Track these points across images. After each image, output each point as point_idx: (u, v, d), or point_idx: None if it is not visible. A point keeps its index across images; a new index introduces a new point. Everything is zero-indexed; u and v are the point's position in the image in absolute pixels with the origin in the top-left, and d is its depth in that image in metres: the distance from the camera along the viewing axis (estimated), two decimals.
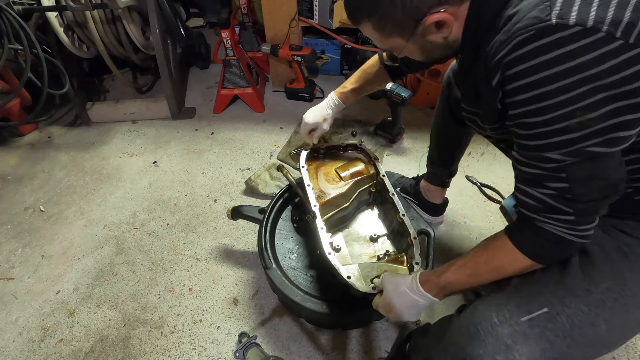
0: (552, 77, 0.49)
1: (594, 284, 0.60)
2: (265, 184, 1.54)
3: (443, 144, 1.21)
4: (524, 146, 0.58)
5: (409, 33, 0.65)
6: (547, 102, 0.51)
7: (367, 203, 1.16)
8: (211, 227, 1.43)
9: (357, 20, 0.69)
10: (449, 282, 0.70)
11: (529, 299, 0.62)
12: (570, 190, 0.55)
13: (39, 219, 1.50)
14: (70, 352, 1.09)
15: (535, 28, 0.49)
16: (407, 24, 0.63)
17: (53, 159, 1.79)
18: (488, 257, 0.67)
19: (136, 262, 1.32)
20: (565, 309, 0.59)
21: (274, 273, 0.99)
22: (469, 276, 0.69)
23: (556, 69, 0.49)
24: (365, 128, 1.85)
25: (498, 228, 1.37)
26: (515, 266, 0.65)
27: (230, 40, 1.79)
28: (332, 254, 0.89)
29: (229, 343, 1.09)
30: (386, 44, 0.71)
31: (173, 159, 1.76)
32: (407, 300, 0.74)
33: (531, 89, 0.52)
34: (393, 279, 0.79)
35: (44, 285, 1.27)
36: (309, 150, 1.16)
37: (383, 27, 0.66)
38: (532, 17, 0.50)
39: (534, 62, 0.50)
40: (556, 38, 0.48)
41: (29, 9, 1.55)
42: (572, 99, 0.49)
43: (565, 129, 0.51)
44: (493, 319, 0.62)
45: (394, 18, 0.63)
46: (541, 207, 0.58)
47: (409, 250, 0.95)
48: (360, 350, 1.06)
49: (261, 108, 2.03)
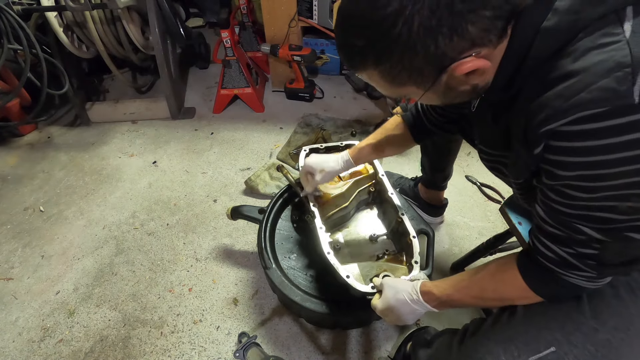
0: (617, 161, 0.42)
1: (601, 322, 0.58)
2: (265, 184, 1.54)
3: (432, 152, 1.19)
4: (556, 210, 0.52)
5: (429, 83, 0.52)
6: (602, 183, 0.45)
7: (366, 203, 1.16)
8: (211, 227, 1.43)
9: (358, 67, 0.54)
10: (452, 299, 0.69)
11: (537, 336, 0.60)
12: (598, 257, 0.51)
13: (38, 219, 1.50)
14: (70, 352, 1.09)
15: (610, 104, 0.40)
16: (428, 73, 0.50)
17: (53, 159, 1.79)
18: (497, 288, 0.64)
19: (136, 262, 1.32)
20: (572, 349, 0.57)
21: (273, 273, 0.99)
22: (474, 299, 0.67)
23: (626, 153, 0.41)
24: (365, 128, 1.85)
25: (498, 228, 1.37)
26: (524, 301, 0.63)
27: (230, 40, 1.79)
28: (331, 254, 0.89)
29: (229, 343, 1.09)
30: (397, 92, 0.57)
31: (173, 159, 1.76)
32: (406, 308, 0.73)
33: (587, 168, 0.45)
34: (393, 283, 0.78)
35: (43, 285, 1.27)
36: (308, 150, 1.15)
37: (395, 77, 0.52)
38: (606, 88, 0.40)
39: (600, 143, 0.42)
40: (635, 120, 0.39)
41: (29, 9, 1.55)
42: (634, 184, 0.43)
43: (612, 208, 0.46)
44: (500, 356, 0.60)
45: (411, 66, 0.50)
46: (564, 263, 0.55)
47: (408, 250, 0.95)
48: (360, 350, 1.06)
49: (261, 108, 2.03)
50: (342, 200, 1.07)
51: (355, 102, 2.10)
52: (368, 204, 1.17)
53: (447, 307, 0.71)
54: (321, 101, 2.10)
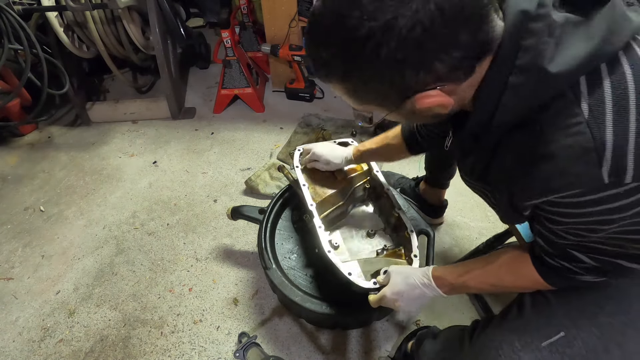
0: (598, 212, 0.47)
1: (600, 307, 0.61)
2: (265, 184, 1.54)
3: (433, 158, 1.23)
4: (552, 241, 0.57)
5: (393, 107, 0.53)
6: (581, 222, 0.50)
7: (362, 199, 1.17)
8: (211, 227, 1.43)
9: (323, 79, 0.54)
10: (467, 285, 0.71)
11: (547, 322, 0.63)
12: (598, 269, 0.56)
13: (39, 219, 1.50)
14: (70, 352, 1.09)
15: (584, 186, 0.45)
16: (393, 98, 0.51)
17: (53, 159, 1.79)
18: (514, 280, 0.67)
19: (136, 262, 1.32)
20: (580, 333, 0.59)
21: (274, 273, 0.99)
22: (491, 286, 0.70)
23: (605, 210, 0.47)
24: (366, 128, 1.85)
25: (498, 228, 1.36)
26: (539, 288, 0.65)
27: (230, 40, 1.79)
28: (331, 252, 0.89)
29: (229, 343, 1.09)
30: (361, 107, 0.59)
31: (173, 159, 1.76)
32: (416, 292, 0.74)
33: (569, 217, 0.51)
34: (402, 270, 0.78)
35: (44, 285, 1.27)
36: (302, 150, 1.15)
37: (360, 96, 0.54)
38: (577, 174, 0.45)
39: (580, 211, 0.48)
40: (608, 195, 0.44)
41: (29, 9, 1.55)
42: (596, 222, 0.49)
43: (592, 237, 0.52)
44: (515, 343, 0.62)
45: (376, 90, 0.51)
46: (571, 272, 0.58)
47: (406, 244, 0.95)
48: (360, 350, 1.06)
49: (261, 108, 2.03)
50: (338, 198, 1.07)
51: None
52: (363, 200, 1.17)
53: (457, 293, 0.73)
54: (321, 101, 2.10)
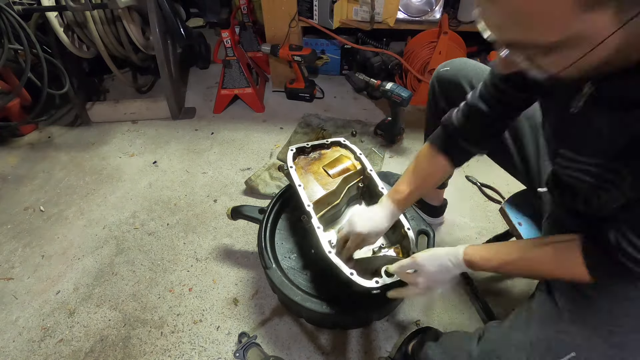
0: None
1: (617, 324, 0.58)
2: (265, 184, 1.54)
3: None
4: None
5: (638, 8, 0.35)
6: None
7: (356, 199, 1.17)
8: (211, 227, 1.43)
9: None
10: (506, 270, 0.70)
11: (558, 339, 0.60)
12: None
13: (38, 219, 1.50)
14: (70, 352, 1.09)
15: None
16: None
17: (53, 159, 1.79)
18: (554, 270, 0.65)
19: (136, 262, 1.32)
20: (591, 354, 0.57)
21: (274, 273, 0.99)
22: (529, 272, 0.69)
23: None
24: (365, 128, 1.85)
25: (498, 228, 1.37)
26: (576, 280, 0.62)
27: (230, 40, 1.79)
28: (332, 253, 0.89)
29: (229, 343, 1.09)
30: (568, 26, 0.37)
31: (173, 159, 1.76)
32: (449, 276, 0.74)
33: None
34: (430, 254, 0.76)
35: (44, 285, 1.27)
36: (294, 150, 1.15)
37: None
38: None
39: None
40: None
41: (29, 9, 1.55)
42: None
43: None
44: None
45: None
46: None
47: (403, 242, 0.95)
48: (360, 350, 1.06)
49: (261, 108, 2.03)
50: (333, 198, 1.07)
51: (356, 102, 2.10)
52: (357, 199, 1.17)
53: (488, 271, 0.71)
54: (321, 101, 2.10)
